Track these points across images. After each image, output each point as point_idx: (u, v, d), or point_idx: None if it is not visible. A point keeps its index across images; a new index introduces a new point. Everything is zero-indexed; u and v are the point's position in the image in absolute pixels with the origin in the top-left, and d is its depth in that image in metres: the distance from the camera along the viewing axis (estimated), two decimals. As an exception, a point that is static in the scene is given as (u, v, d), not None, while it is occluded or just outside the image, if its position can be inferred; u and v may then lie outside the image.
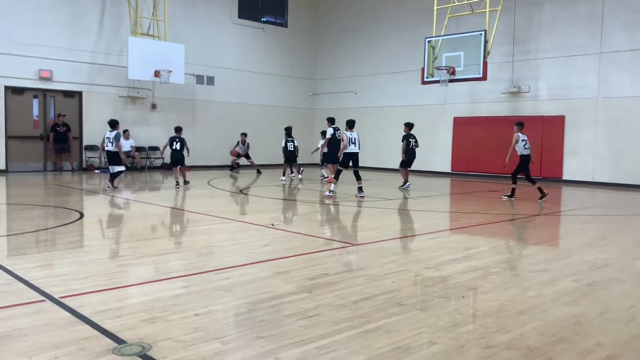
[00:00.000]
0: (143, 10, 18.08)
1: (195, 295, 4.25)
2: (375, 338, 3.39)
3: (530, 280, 4.92)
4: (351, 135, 11.24)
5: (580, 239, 7.38)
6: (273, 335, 3.41)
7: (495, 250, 6.43)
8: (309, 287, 4.53)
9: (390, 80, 21.18)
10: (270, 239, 6.74)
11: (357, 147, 11.32)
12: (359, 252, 6.18)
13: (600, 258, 5.94)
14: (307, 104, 24.13)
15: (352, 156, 11.30)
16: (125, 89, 18.28)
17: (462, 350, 3.24)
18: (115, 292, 4.34)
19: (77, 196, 11.07)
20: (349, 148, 11.17)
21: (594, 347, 3.33)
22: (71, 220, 7.84)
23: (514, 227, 8.20)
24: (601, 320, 3.85)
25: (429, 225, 8.33)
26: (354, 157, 11.35)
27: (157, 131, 19.26)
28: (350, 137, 11.18)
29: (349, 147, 11.15)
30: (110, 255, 5.74)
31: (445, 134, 19.40)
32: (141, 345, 3.18)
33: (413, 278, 4.98)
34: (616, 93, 15.55)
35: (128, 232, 7.25)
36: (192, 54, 19.41)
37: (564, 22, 16.48)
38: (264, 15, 22.43)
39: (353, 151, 11.25)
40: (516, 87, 17.41)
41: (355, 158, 11.37)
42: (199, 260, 5.60)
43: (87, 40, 17.45)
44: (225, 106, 21.05)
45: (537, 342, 3.39)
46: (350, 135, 11.22)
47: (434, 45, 16.49)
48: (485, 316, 3.90)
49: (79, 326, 3.50)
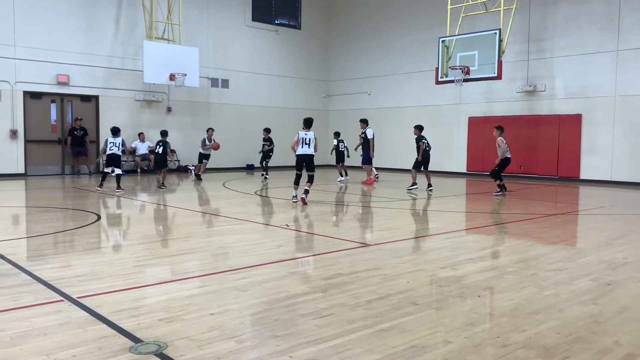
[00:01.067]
0: (158, 15, 18.27)
1: (211, 295, 4.28)
2: (390, 337, 3.39)
3: (547, 280, 4.88)
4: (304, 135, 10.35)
5: (598, 238, 7.29)
6: (288, 334, 3.43)
7: (512, 250, 6.37)
8: (323, 287, 4.54)
9: (404, 80, 21.12)
10: (285, 240, 6.76)
11: (308, 148, 10.32)
12: (373, 252, 6.17)
13: (618, 257, 5.87)
14: (321, 105, 24.15)
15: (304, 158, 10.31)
16: (141, 92, 18.47)
17: (477, 349, 3.22)
18: (132, 292, 4.39)
19: (94, 199, 11.21)
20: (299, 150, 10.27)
21: (612, 346, 3.29)
22: (88, 223, 7.95)
23: (531, 227, 8.12)
24: (619, 319, 3.81)
25: (444, 226, 8.29)
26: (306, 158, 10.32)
27: (172, 134, 19.34)
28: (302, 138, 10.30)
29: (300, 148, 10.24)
30: (127, 256, 5.81)
31: (461, 134, 19.28)
32: (157, 344, 3.21)
33: (428, 278, 4.96)
34: (633, 91, 15.33)
35: (143, 233, 7.32)
36: (206, 57, 19.56)
37: (580, 20, 16.29)
38: (277, 18, 22.51)
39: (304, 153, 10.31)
40: (532, 86, 17.25)
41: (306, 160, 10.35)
42: (214, 261, 5.64)
43: (103, 44, 17.67)
44: (239, 109, 21.16)
45: (554, 341, 3.36)
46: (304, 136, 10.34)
47: (448, 45, 16.41)
48: (501, 315, 3.87)
49: (96, 325, 3.55)
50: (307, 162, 10.35)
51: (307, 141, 10.31)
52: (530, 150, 17.21)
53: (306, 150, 10.30)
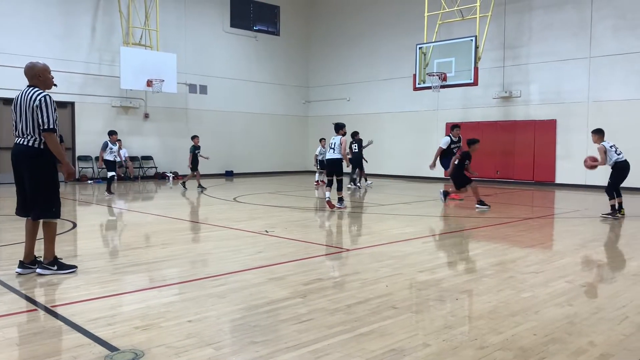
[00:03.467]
0: (135, 21, 18.13)
1: (189, 302, 4.24)
2: (369, 341, 3.39)
3: (524, 282, 4.94)
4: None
5: (573, 240, 7.41)
6: (267, 340, 3.40)
7: (489, 253, 6.44)
8: (303, 292, 4.53)
9: (383, 86, 21.28)
10: (264, 246, 6.74)
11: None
12: (353, 257, 6.18)
13: (593, 259, 5.97)
14: (301, 111, 24.19)
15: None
16: (118, 99, 18.28)
17: (455, 351, 3.24)
18: (108, 300, 4.32)
19: (70, 206, 11.02)
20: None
21: (587, 346, 3.35)
22: (64, 230, 7.81)
23: (508, 230, 8.22)
24: (594, 320, 3.87)
25: (422, 230, 8.34)
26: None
27: (150, 141, 19.26)
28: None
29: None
30: (103, 264, 5.72)
31: (438, 140, 19.44)
32: (134, 352, 3.17)
33: (407, 281, 4.98)
34: (606, 97, 15.69)
35: (121, 241, 7.22)
36: (184, 63, 19.46)
37: (554, 27, 16.63)
38: (255, 24, 22.52)
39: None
40: (507, 92, 17.53)
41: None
42: (193, 268, 5.59)
43: (80, 51, 17.46)
44: (218, 115, 21.08)
45: (530, 342, 3.40)
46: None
47: (425, 51, 16.61)
48: (479, 318, 3.91)
49: (71, 334, 3.48)
50: (331, 167, 10.51)
51: (332, 145, 10.49)
52: (507, 156, 17.47)
53: (331, 154, 10.48)
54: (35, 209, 5.01)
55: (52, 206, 5.05)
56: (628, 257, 6.09)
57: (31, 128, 4.92)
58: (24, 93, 5.02)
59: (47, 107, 4.90)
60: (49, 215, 5.07)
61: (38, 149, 4.95)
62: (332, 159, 10.49)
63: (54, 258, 5.16)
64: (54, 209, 5.06)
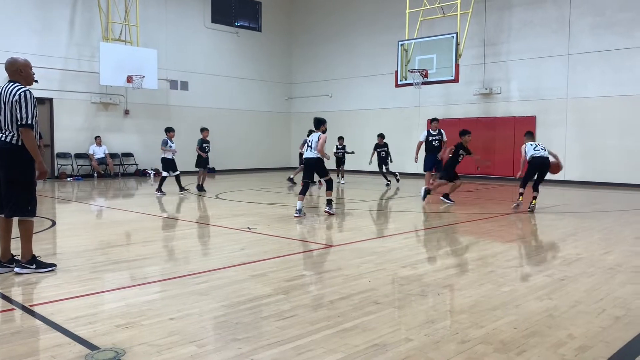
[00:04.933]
0: (114, 16, 17.89)
1: (171, 300, 4.21)
2: (352, 336, 3.40)
3: (504, 277, 5.00)
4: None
5: (552, 235, 7.52)
6: (249, 337, 3.40)
7: (470, 248, 6.50)
8: (285, 288, 4.53)
9: (365, 83, 21.31)
10: (247, 243, 6.71)
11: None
12: (336, 253, 6.19)
13: (571, 253, 6.06)
14: (283, 107, 24.13)
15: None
16: (98, 95, 18.03)
17: (437, 346, 3.27)
18: (89, 298, 4.27)
19: (48, 204, 10.85)
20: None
21: (566, 338, 3.40)
22: (43, 228, 7.69)
23: (488, 226, 8.31)
24: (573, 313, 3.93)
25: (405, 225, 8.39)
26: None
27: (130, 137, 19.04)
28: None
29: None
30: (83, 262, 5.64)
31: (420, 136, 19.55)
32: (115, 351, 3.13)
33: (389, 277, 5.01)
34: (584, 93, 15.92)
35: (101, 239, 7.14)
36: (165, 59, 19.26)
37: (534, 24, 16.82)
38: (237, 20, 22.37)
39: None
40: (488, 89, 17.69)
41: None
42: (175, 265, 5.55)
43: (58, 46, 17.17)
44: (200, 111, 20.91)
45: (511, 335, 3.44)
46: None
47: (407, 48, 16.66)
48: (461, 312, 3.94)
49: (50, 334, 3.44)
50: (310, 167, 9.26)
51: (310, 143, 9.15)
52: (487, 152, 17.61)
53: (309, 153, 9.15)
54: (10, 206, 4.92)
55: (28, 204, 4.96)
56: (605, 251, 6.20)
57: (10, 123, 4.83)
58: (4, 88, 4.93)
59: (27, 103, 4.82)
60: (25, 214, 4.98)
61: (16, 145, 4.86)
62: (310, 159, 9.20)
63: (32, 256, 5.08)
64: (29, 207, 4.98)
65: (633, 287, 4.67)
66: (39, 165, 4.96)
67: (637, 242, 6.84)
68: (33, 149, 4.87)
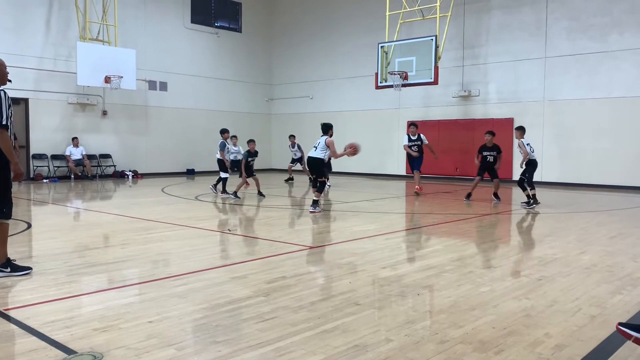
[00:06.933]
0: (92, 15, 17.65)
1: (149, 303, 4.16)
2: (332, 338, 3.41)
3: (483, 277, 5.05)
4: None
5: (529, 236, 7.63)
6: (229, 339, 3.38)
7: (449, 249, 6.56)
8: (266, 290, 4.51)
9: (345, 85, 21.37)
10: (228, 244, 6.68)
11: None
12: (317, 254, 6.19)
13: (548, 254, 6.16)
14: (264, 109, 24.05)
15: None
16: (75, 95, 17.77)
17: (417, 346, 3.29)
18: (65, 302, 4.20)
19: (24, 206, 10.66)
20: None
21: (543, 337, 3.45)
22: (18, 231, 7.55)
23: (467, 227, 8.40)
24: (549, 312, 3.99)
25: (384, 227, 8.43)
26: None
27: (108, 138, 18.81)
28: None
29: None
30: (60, 265, 5.55)
31: (400, 138, 19.68)
32: (92, 355, 3.09)
33: (369, 278, 5.03)
34: (561, 96, 16.20)
35: (78, 241, 7.03)
36: (143, 60, 19.05)
37: (511, 28, 17.06)
38: (217, 20, 22.26)
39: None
40: (466, 91, 17.88)
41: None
42: (154, 268, 5.49)
43: (33, 45, 16.88)
44: (179, 112, 20.74)
45: (489, 335, 3.48)
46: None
47: (387, 50, 16.76)
48: (440, 312, 3.98)
49: (25, 338, 3.37)
50: (311, 167, 10.09)
51: (316, 144, 9.98)
52: (466, 153, 17.80)
53: (312, 153, 9.96)
54: None
55: (3, 206, 4.87)
56: (581, 251, 6.31)
57: None
58: None
59: (1, 103, 4.72)
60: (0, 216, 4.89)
61: None
62: (312, 158, 9.92)
63: (7, 260, 4.98)
64: (4, 209, 4.88)
65: (608, 286, 4.76)
66: (15, 167, 4.87)
67: (612, 242, 6.98)
68: (8, 150, 4.77)
